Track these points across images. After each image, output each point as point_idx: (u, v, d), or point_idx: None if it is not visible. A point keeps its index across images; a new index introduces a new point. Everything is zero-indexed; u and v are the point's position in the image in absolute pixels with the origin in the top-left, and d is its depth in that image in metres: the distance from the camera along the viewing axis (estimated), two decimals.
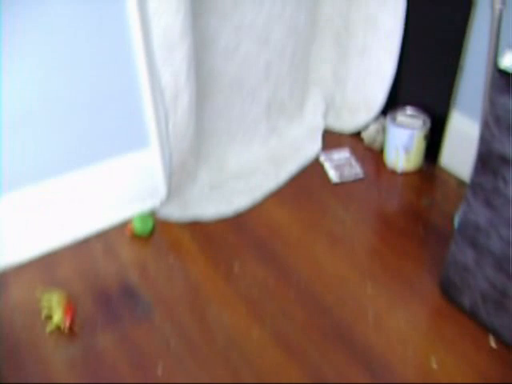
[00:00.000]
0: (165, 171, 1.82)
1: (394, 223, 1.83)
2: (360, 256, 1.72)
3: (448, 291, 1.54)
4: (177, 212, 1.85)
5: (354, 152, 2.16)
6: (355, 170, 2.05)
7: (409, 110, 2.04)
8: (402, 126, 1.99)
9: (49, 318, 1.52)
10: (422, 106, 2.03)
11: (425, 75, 2.01)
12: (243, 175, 2.01)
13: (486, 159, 1.24)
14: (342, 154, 2.13)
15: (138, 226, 1.78)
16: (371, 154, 2.16)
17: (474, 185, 1.30)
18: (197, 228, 1.83)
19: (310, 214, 1.88)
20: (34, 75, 1.49)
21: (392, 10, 1.96)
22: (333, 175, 2.02)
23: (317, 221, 1.85)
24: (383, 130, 2.11)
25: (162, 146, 1.76)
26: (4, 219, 1.63)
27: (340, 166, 2.07)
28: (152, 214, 1.85)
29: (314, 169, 2.08)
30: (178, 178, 1.84)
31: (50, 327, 1.51)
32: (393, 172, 2.06)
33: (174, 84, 1.60)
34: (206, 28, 1.74)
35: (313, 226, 1.83)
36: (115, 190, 1.80)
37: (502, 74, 1.11)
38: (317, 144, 2.18)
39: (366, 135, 2.20)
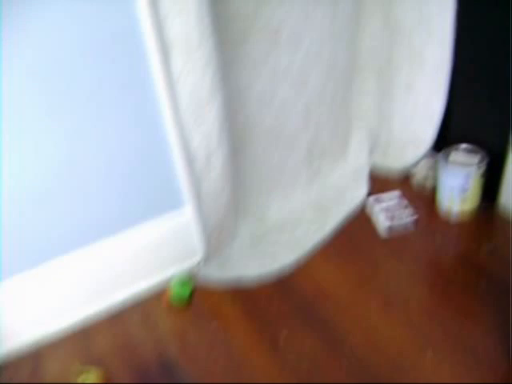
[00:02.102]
0: (202, 231, 1.71)
1: (454, 277, 1.67)
2: (417, 318, 1.56)
3: None
4: (217, 273, 1.74)
5: (404, 193, 2.01)
6: (407, 215, 1.90)
7: (462, 147, 1.88)
8: (456, 165, 1.83)
9: None
10: (477, 142, 1.87)
11: (478, 109, 1.85)
12: (286, 226, 1.88)
13: None
14: (392, 197, 1.98)
15: (176, 292, 1.67)
16: (422, 195, 2.00)
17: None
18: (239, 290, 1.71)
19: (361, 269, 1.74)
20: (60, 143, 1.42)
21: (438, 41, 1.81)
22: (383, 223, 1.88)
23: (368, 277, 1.71)
24: (435, 168, 1.96)
25: (198, 205, 1.65)
26: (40, 290, 1.56)
27: (390, 211, 1.92)
28: (190, 277, 1.74)
29: (362, 215, 1.94)
30: (216, 237, 1.72)
31: None
32: (448, 215, 1.90)
33: (205, 145, 1.49)
34: (239, 78, 1.63)
35: (364, 284, 1.68)
36: (151, 254, 1.70)
37: None
38: (363, 186, 2.04)
39: (416, 173, 2.05)
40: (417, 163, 2.06)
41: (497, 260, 1.71)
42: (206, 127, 1.46)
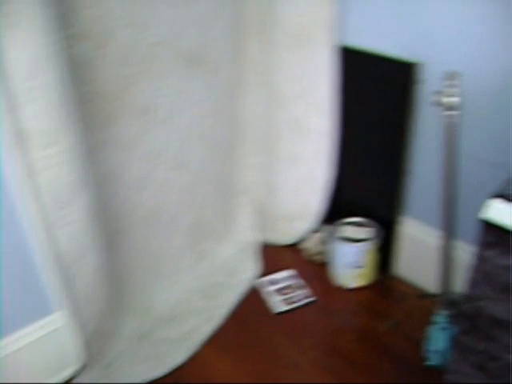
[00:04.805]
0: (78, 337, 1.49)
1: (356, 359, 1.57)
2: None
3: None
4: (98, 381, 1.52)
5: (298, 271, 1.89)
6: (303, 296, 1.78)
7: (354, 219, 1.82)
8: (348, 240, 1.75)
9: None
10: (369, 214, 1.81)
11: (368, 180, 1.81)
12: (174, 319, 1.70)
13: (475, 319, 1.00)
14: (286, 277, 1.86)
15: None
16: (315, 270, 1.90)
17: (462, 347, 1.06)
18: None
19: (258, 360, 1.58)
20: None
21: (322, 112, 1.75)
22: (278, 306, 1.74)
23: (266, 369, 1.56)
24: (326, 241, 1.87)
25: (73, 310, 1.43)
26: None
27: (283, 289, 1.80)
28: None
29: (254, 296, 1.80)
30: (96, 342, 1.52)
31: None
32: (344, 291, 1.80)
33: (75, 244, 1.31)
34: (111, 162, 1.48)
35: (263, 377, 1.53)
36: (22, 367, 1.46)
37: (489, 225, 0.89)
38: (253, 266, 1.91)
39: (306, 247, 1.95)
40: (305, 237, 1.96)
41: (397, 335, 1.63)
42: (73, 227, 1.28)
